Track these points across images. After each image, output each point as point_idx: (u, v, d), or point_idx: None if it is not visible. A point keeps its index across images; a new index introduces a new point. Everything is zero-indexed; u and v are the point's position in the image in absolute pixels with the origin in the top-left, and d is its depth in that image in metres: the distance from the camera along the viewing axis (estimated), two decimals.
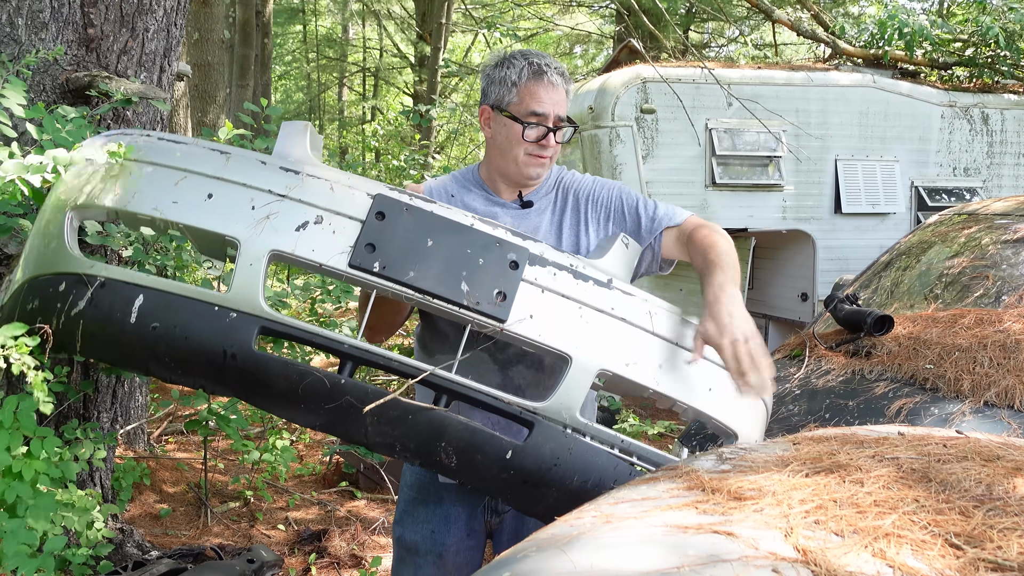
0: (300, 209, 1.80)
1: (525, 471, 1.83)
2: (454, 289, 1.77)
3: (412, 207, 1.80)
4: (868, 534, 1.08)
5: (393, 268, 1.76)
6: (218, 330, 1.79)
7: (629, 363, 1.83)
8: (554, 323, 1.80)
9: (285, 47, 29.44)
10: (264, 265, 1.79)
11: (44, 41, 3.12)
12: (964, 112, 7.42)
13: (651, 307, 1.88)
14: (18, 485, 2.24)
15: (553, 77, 2.19)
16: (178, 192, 1.84)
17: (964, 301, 3.45)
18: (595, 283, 1.84)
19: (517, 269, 1.79)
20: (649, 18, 10.50)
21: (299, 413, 1.91)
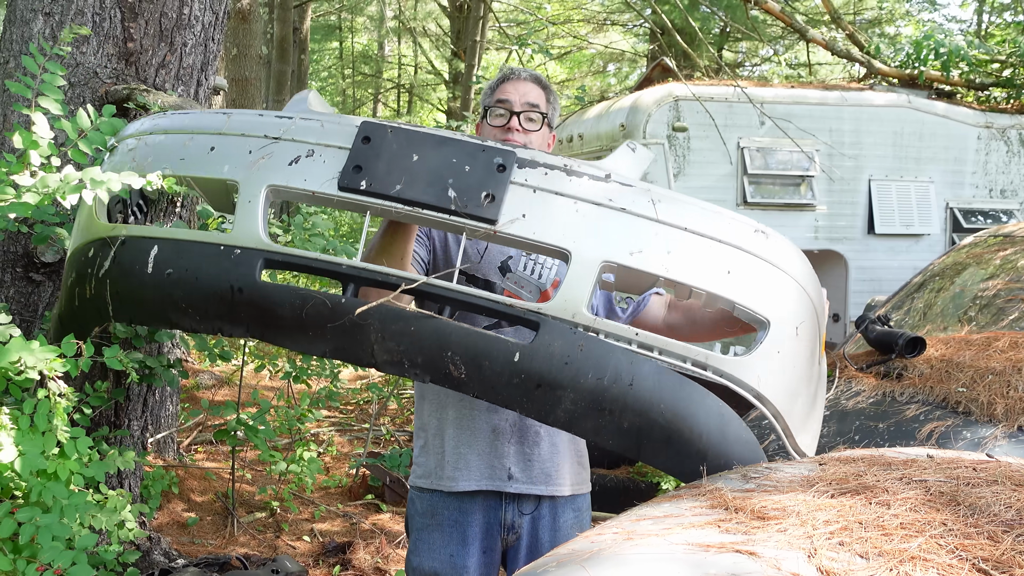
0: (293, 147, 1.86)
1: (536, 373, 1.79)
2: (441, 196, 1.77)
3: (397, 128, 1.83)
4: (893, 557, 1.06)
5: (379, 184, 1.79)
6: (224, 268, 1.86)
7: (633, 252, 1.75)
8: (549, 220, 1.76)
9: (321, 63, 29.80)
10: (262, 200, 1.85)
11: (85, 55, 3.19)
12: (1001, 133, 7.33)
13: (654, 195, 1.79)
14: (53, 485, 2.28)
15: (520, 74, 2.33)
16: (185, 151, 1.95)
17: (999, 324, 3.39)
18: (590, 178, 1.78)
19: (504, 171, 1.76)
20: (683, 37, 10.50)
21: (309, 341, 1.92)
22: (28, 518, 2.18)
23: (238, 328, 1.98)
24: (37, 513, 2.21)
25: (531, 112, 2.28)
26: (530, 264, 2.29)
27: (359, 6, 24.98)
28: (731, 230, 1.80)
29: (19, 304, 3.20)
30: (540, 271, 2.29)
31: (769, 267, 1.81)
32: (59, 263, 3.14)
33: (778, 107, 6.56)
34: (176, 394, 4.58)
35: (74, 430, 2.40)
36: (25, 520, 2.17)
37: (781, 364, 1.81)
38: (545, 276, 2.28)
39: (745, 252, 1.79)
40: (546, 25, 18.12)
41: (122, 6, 3.20)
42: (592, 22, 20.78)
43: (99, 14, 3.18)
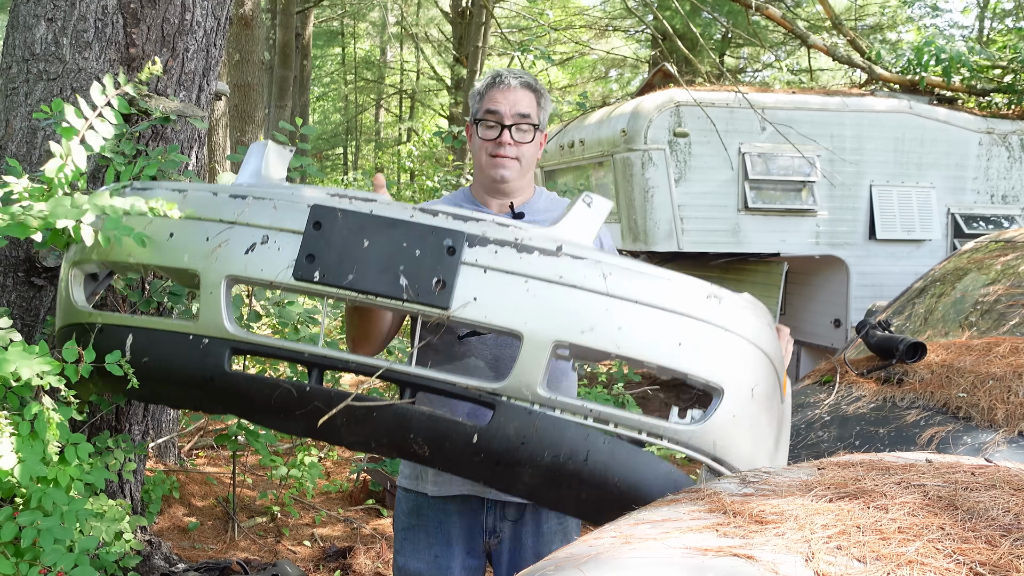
0: (248, 233, 1.88)
1: (494, 452, 1.84)
2: (393, 285, 1.79)
3: (346, 212, 1.83)
4: (891, 561, 1.07)
5: (332, 274, 1.81)
6: (196, 358, 1.93)
7: (584, 330, 1.76)
8: (500, 301, 1.77)
9: (324, 69, 29.86)
10: (223, 291, 1.90)
11: (87, 60, 3.20)
12: (1002, 139, 7.33)
13: (605, 268, 1.79)
14: (53, 491, 2.29)
15: (509, 80, 2.25)
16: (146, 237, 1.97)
17: (999, 329, 3.39)
18: (540, 253, 1.78)
19: (455, 254, 1.78)
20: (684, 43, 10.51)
21: (283, 422, 2.01)
22: (30, 522, 2.19)
23: (217, 408, 2.11)
24: (38, 517, 2.21)
25: (522, 123, 2.25)
26: None
27: (361, 12, 25.04)
28: (683, 298, 1.79)
29: (20, 309, 3.21)
30: None
31: (722, 332, 1.80)
32: (61, 268, 3.15)
33: (779, 113, 6.57)
34: None
35: (74, 436, 2.41)
36: (27, 524, 2.18)
37: (738, 428, 1.83)
38: None
39: (697, 320, 1.78)
40: (548, 31, 18.14)
41: (124, 12, 3.21)
42: (594, 28, 20.82)
43: (101, 20, 3.19)
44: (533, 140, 2.27)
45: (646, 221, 6.54)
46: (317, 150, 25.48)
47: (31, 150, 3.21)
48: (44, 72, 3.21)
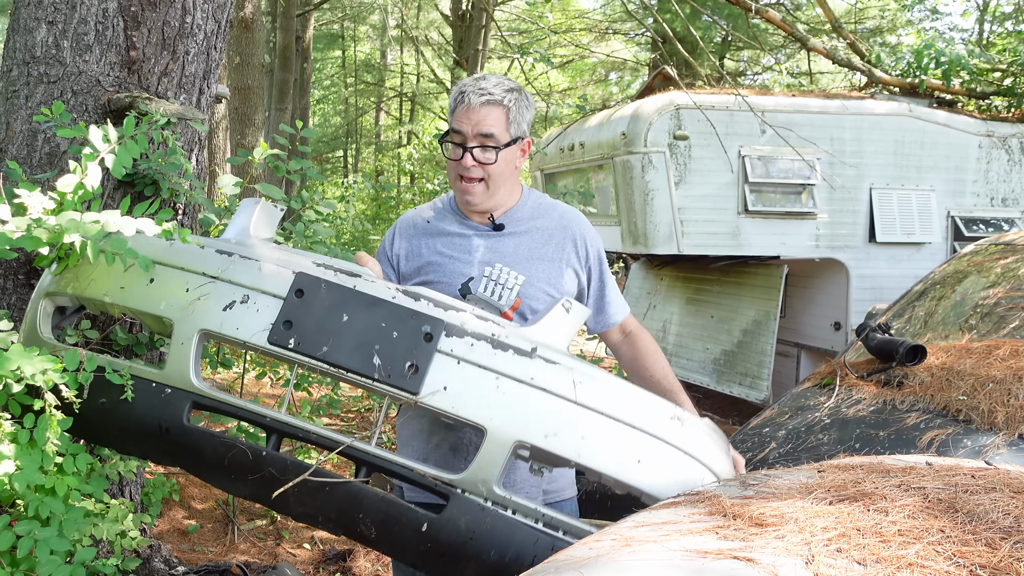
0: (229, 289, 1.90)
1: (442, 544, 1.85)
2: (366, 363, 1.80)
3: (330, 284, 1.85)
4: (891, 563, 1.07)
5: (307, 344, 1.82)
6: (155, 405, 1.95)
7: (548, 435, 1.77)
8: (469, 394, 1.78)
9: (324, 72, 29.88)
10: (195, 343, 1.90)
11: (88, 63, 3.20)
12: (1002, 142, 7.34)
13: (577, 375, 1.80)
14: (51, 501, 2.28)
15: (470, 98, 2.20)
16: (125, 278, 1.98)
17: (999, 332, 3.39)
18: (515, 352, 1.80)
19: (431, 341, 1.79)
20: (684, 46, 10.52)
21: (231, 484, 2.01)
22: (26, 531, 2.18)
23: (168, 460, 2.08)
24: (35, 527, 2.21)
25: (485, 143, 2.21)
26: (491, 285, 2.26)
27: (362, 15, 25.06)
28: (648, 417, 1.80)
29: (21, 311, 3.21)
30: (501, 292, 2.25)
31: (680, 455, 1.80)
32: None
33: (779, 116, 6.57)
34: None
35: (73, 446, 2.40)
36: (23, 533, 2.17)
37: None
38: (506, 298, 2.25)
39: (659, 440, 1.80)
40: (548, 34, 18.15)
41: (125, 15, 3.22)
42: (594, 31, 20.84)
43: (102, 23, 3.20)
44: (498, 159, 2.22)
45: (646, 224, 6.54)
46: (317, 153, 25.49)
47: (31, 153, 3.21)
48: (45, 75, 3.21)
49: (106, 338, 3.30)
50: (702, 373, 7.45)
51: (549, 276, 2.27)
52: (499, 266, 2.27)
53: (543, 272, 2.27)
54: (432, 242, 2.34)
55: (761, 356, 6.93)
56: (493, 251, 2.29)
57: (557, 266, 2.29)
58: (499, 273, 2.26)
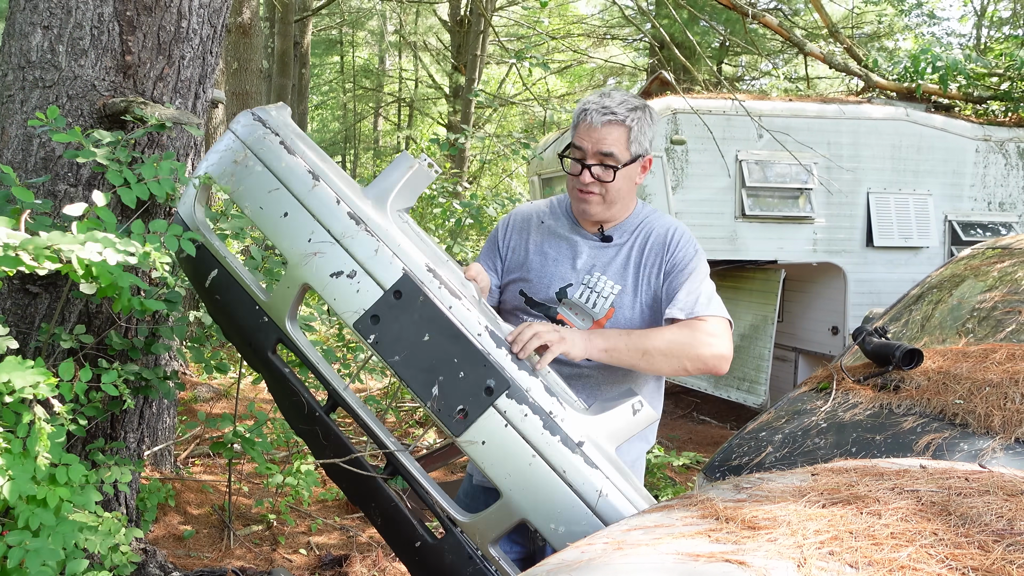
0: (343, 258, 1.94)
1: (426, 566, 1.93)
2: (425, 390, 1.86)
3: (427, 299, 1.88)
4: (883, 566, 1.06)
5: (384, 346, 1.89)
6: (252, 326, 2.10)
7: (555, 526, 1.79)
8: (503, 457, 1.81)
9: (322, 77, 29.90)
10: (297, 291, 2.00)
11: (83, 67, 3.20)
12: (999, 146, 7.34)
13: (606, 487, 1.80)
14: (41, 512, 2.27)
15: (592, 116, 2.23)
16: (267, 200, 2.05)
17: (996, 336, 3.39)
18: (562, 440, 1.80)
19: (491, 396, 1.81)
20: (682, 51, 10.54)
21: (291, 419, 2.16)
22: (17, 542, 2.17)
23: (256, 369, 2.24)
24: (26, 537, 2.20)
25: (605, 161, 2.24)
26: (587, 293, 2.31)
27: (360, 21, 25.08)
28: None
29: (16, 316, 3.20)
30: (596, 301, 2.30)
31: None
32: (56, 275, 3.15)
33: (776, 120, 6.58)
34: (173, 406, 4.57)
35: (66, 456, 2.39)
36: (14, 544, 2.16)
37: None
38: (600, 306, 2.29)
39: None
40: (546, 39, 18.18)
41: (120, 19, 3.22)
42: (592, 36, 20.87)
43: (97, 27, 3.19)
44: (615, 177, 2.26)
45: None
46: None
47: (27, 158, 3.20)
48: (40, 79, 3.21)
49: (101, 343, 3.29)
50: (700, 378, 7.44)
51: (645, 288, 2.31)
52: (598, 274, 2.32)
53: (639, 284, 2.32)
54: (540, 241, 2.41)
55: (759, 360, 6.92)
56: (596, 259, 2.34)
57: (654, 280, 2.32)
58: (596, 281, 2.31)
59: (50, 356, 3.12)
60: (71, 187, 3.22)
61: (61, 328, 3.11)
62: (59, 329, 3.09)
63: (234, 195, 2.12)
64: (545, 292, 2.34)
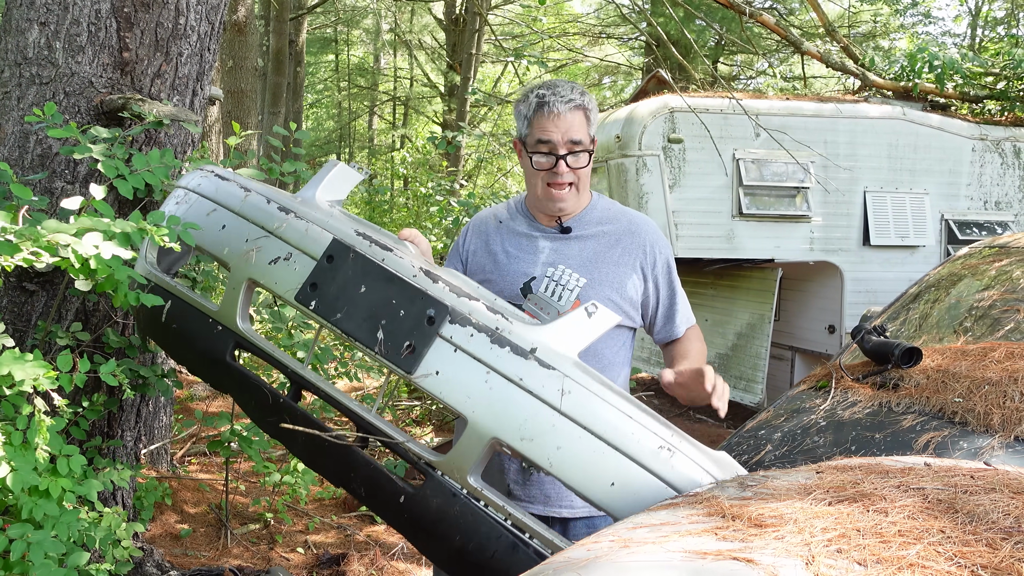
0: (278, 246, 2.04)
1: (415, 518, 1.93)
2: (370, 336, 1.89)
3: (357, 254, 1.95)
4: (891, 564, 1.06)
5: (325, 308, 1.95)
6: (208, 337, 2.16)
7: (524, 438, 1.76)
8: (458, 383, 1.81)
9: (317, 75, 29.85)
10: (243, 290, 2.08)
11: (80, 64, 3.18)
12: (995, 145, 7.35)
13: (568, 384, 1.77)
14: (44, 503, 2.26)
15: (556, 107, 2.20)
16: (207, 222, 2.18)
17: (995, 334, 3.39)
18: (512, 349, 1.80)
19: (433, 324, 1.84)
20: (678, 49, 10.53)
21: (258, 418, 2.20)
22: (19, 535, 2.16)
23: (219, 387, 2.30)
24: (28, 530, 2.19)
25: (574, 148, 2.24)
26: (552, 286, 2.29)
27: (355, 19, 25.04)
28: (634, 441, 1.73)
29: (12, 314, 3.19)
30: (561, 293, 2.28)
31: (662, 486, 1.71)
32: (52, 273, 3.13)
33: (773, 119, 6.58)
34: (170, 405, 4.55)
35: (67, 448, 2.39)
36: (16, 536, 2.16)
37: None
38: (565, 299, 2.27)
39: (640, 466, 1.72)
40: (542, 38, 18.17)
41: (118, 16, 3.20)
42: (588, 35, 20.86)
43: (95, 24, 3.18)
44: (582, 164, 2.27)
45: None
46: (311, 156, 25.45)
47: (23, 154, 3.19)
48: (37, 76, 3.19)
49: (97, 340, 3.28)
50: None
51: (613, 280, 2.29)
52: (562, 267, 2.30)
53: (607, 276, 2.29)
54: (500, 240, 2.40)
55: (756, 359, 6.93)
56: (558, 253, 2.32)
57: (622, 271, 2.31)
58: (561, 274, 2.29)
59: (47, 353, 3.10)
60: (68, 184, 3.20)
61: (58, 325, 3.10)
62: (56, 326, 3.07)
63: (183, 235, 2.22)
64: (510, 289, 2.32)
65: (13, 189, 2.51)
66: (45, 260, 2.09)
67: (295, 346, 4.06)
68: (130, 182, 2.81)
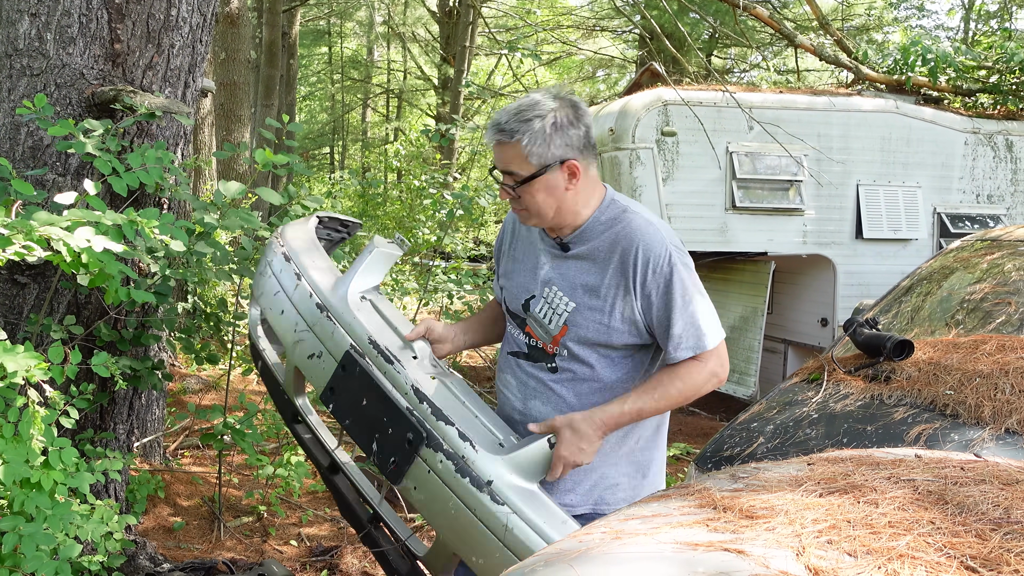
0: (313, 343, 2.29)
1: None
2: (368, 446, 2.15)
3: (363, 370, 2.18)
4: (882, 555, 1.06)
5: (339, 412, 2.23)
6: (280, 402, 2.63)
7: (476, 558, 1.99)
8: (431, 501, 2.04)
9: (310, 68, 29.77)
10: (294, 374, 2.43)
11: (71, 55, 3.17)
12: (988, 139, 7.37)
13: (512, 521, 1.94)
14: (36, 495, 2.26)
15: (490, 137, 2.15)
16: (273, 301, 2.43)
17: (986, 327, 3.41)
18: (471, 481, 1.97)
19: (412, 447, 2.05)
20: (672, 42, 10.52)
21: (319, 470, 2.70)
22: (11, 527, 2.16)
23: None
24: (20, 522, 2.19)
25: (508, 181, 2.15)
26: (545, 308, 2.23)
27: (348, 11, 24.96)
28: None
29: (3, 307, 3.17)
30: (552, 317, 2.21)
31: None
32: (44, 265, 3.12)
33: (767, 112, 6.58)
34: (162, 398, 4.55)
35: (59, 440, 2.38)
36: (8, 529, 2.15)
37: None
38: (555, 324, 2.21)
39: None
40: (535, 31, 18.14)
41: (109, 7, 3.19)
42: (581, 28, 20.83)
43: (86, 15, 3.16)
44: (524, 194, 2.14)
45: None
46: (304, 149, 25.40)
47: (14, 146, 3.18)
48: (27, 68, 3.18)
49: (90, 334, 3.27)
50: None
51: (602, 305, 2.16)
52: (555, 289, 2.22)
53: (594, 301, 2.17)
54: (518, 245, 2.37)
55: (748, 352, 6.94)
56: (555, 271, 2.24)
57: (612, 292, 2.16)
58: (553, 296, 2.22)
59: (39, 346, 3.10)
60: (59, 176, 3.19)
61: (50, 319, 3.09)
62: (48, 320, 3.07)
63: (259, 299, 2.52)
64: (515, 303, 2.29)
65: (15, 185, 2.49)
66: (37, 254, 2.08)
67: None
68: (124, 179, 2.80)
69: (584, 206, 2.21)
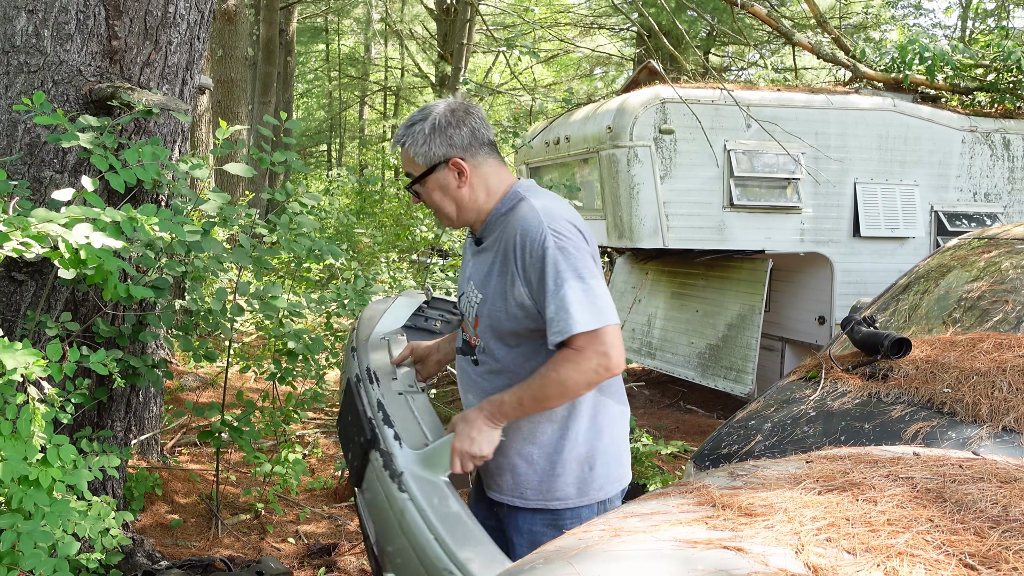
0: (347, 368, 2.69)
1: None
2: (346, 456, 2.48)
3: (349, 393, 2.52)
4: (880, 552, 1.06)
5: (340, 432, 2.61)
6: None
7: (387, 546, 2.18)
8: (374, 497, 2.24)
9: (308, 65, 29.73)
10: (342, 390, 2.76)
11: (69, 52, 3.16)
12: (985, 137, 7.38)
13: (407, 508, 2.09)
14: (34, 493, 2.26)
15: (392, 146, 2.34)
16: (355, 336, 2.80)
17: (983, 325, 3.41)
18: (390, 475, 2.16)
19: (365, 451, 2.29)
20: (670, 40, 10.53)
21: None
22: (9, 524, 2.15)
23: None
24: (18, 519, 2.19)
25: (408, 183, 2.32)
26: (466, 303, 2.34)
27: (346, 8, 24.93)
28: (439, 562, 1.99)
29: (1, 304, 3.17)
30: (469, 312, 2.32)
31: None
32: (42, 262, 3.12)
33: (764, 110, 6.58)
34: (160, 395, 4.54)
35: (57, 437, 2.38)
36: (6, 526, 2.15)
37: None
38: (470, 316, 2.30)
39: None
40: (533, 28, 18.13)
41: (106, 4, 3.18)
42: (579, 25, 20.81)
43: (83, 11, 3.16)
44: (421, 193, 2.28)
45: (631, 218, 6.54)
46: (301, 147, 25.37)
47: (11, 143, 3.17)
48: (25, 64, 3.17)
49: (87, 329, 3.27)
50: (687, 367, 7.46)
51: (501, 291, 2.17)
52: (471, 283, 2.30)
53: (495, 289, 2.19)
54: (466, 248, 2.46)
55: (746, 350, 6.95)
56: (473, 267, 2.32)
57: (507, 279, 2.16)
58: (470, 291, 2.31)
59: (36, 343, 3.09)
60: (57, 173, 3.19)
61: (47, 315, 3.08)
62: (45, 316, 3.06)
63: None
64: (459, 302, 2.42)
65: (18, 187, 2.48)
66: (35, 251, 2.08)
67: (285, 336, 4.05)
68: (122, 176, 2.80)
69: (487, 201, 2.27)
